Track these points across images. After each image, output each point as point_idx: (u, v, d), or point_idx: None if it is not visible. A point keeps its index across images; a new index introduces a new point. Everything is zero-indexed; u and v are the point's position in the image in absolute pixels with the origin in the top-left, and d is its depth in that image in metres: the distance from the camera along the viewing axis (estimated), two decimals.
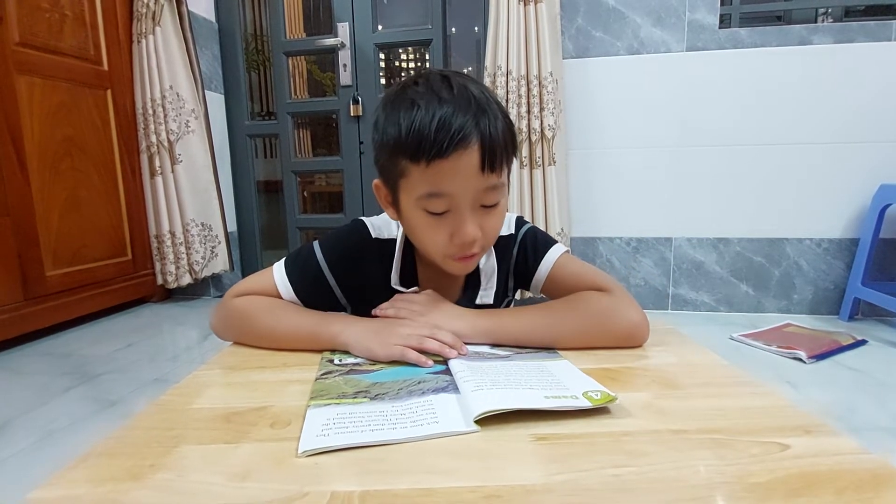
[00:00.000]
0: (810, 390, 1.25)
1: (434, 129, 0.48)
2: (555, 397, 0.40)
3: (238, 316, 0.59)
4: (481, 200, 0.53)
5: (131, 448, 0.36)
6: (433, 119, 0.48)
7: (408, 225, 0.58)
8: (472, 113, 0.50)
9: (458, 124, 0.49)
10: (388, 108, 0.54)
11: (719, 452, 0.34)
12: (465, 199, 0.52)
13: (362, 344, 0.52)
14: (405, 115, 0.50)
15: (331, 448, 0.34)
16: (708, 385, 0.46)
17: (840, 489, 0.30)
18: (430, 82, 0.52)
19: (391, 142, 0.52)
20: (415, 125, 0.49)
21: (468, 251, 0.55)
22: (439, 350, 0.50)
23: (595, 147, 1.97)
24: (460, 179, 0.51)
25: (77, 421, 1.13)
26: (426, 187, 0.51)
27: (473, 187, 0.52)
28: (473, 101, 0.50)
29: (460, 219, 0.53)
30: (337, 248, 0.64)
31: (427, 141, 0.48)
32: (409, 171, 0.51)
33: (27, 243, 1.65)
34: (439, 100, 0.50)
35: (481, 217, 0.54)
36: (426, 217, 0.53)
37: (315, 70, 3.52)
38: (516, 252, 0.68)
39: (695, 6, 1.84)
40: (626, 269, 2.02)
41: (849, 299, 1.82)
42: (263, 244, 2.53)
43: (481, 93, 0.52)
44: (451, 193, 0.51)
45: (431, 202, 0.52)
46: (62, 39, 1.79)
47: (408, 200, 0.54)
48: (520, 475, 0.31)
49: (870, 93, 1.78)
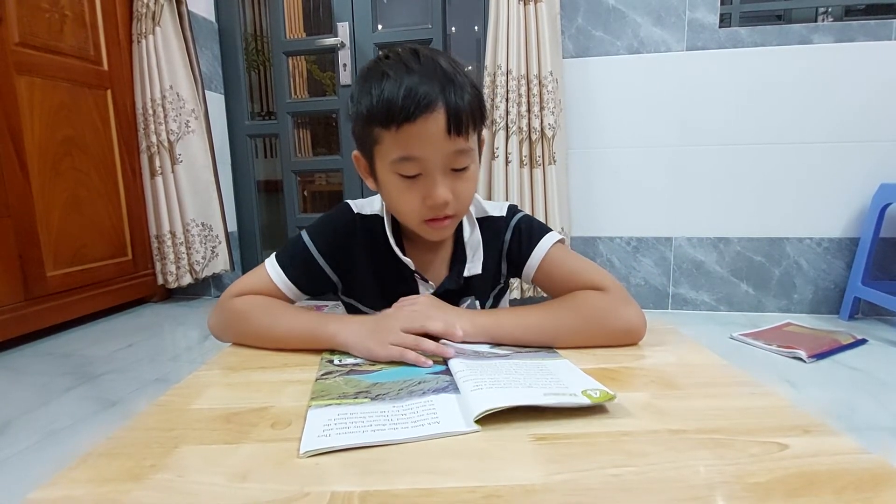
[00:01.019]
0: (810, 390, 1.25)
1: (402, 96, 0.51)
2: (554, 395, 0.40)
3: (235, 317, 0.60)
4: (451, 164, 0.56)
5: (132, 448, 0.36)
6: (401, 87, 0.52)
7: (384, 191, 0.61)
8: (439, 81, 0.53)
9: (424, 90, 0.52)
10: (361, 81, 0.57)
11: (719, 452, 0.34)
12: (434, 163, 0.55)
13: (361, 344, 0.52)
14: (376, 86, 0.53)
15: (332, 449, 0.34)
16: (707, 385, 0.46)
17: (839, 489, 0.30)
18: (401, 55, 0.55)
19: (364, 112, 0.55)
20: (384, 94, 0.52)
21: (440, 213, 0.57)
22: (436, 350, 0.50)
23: (595, 146, 1.97)
24: (428, 143, 0.53)
25: (78, 421, 1.13)
26: (398, 151, 0.54)
27: (442, 150, 0.54)
28: (440, 71, 0.54)
29: (431, 181, 0.56)
30: (323, 230, 0.67)
31: (395, 107, 0.52)
32: (382, 137, 0.55)
33: (28, 243, 1.65)
34: (407, 70, 0.53)
35: (452, 181, 0.57)
36: (400, 181, 0.56)
37: (315, 70, 3.51)
38: (510, 237, 0.68)
39: (695, 5, 1.83)
40: (626, 269, 2.02)
41: (849, 298, 1.82)
42: (264, 244, 2.53)
43: (448, 64, 0.55)
44: (421, 157, 0.54)
45: (403, 166, 0.55)
46: (62, 40, 1.79)
47: (382, 166, 0.57)
48: (519, 475, 0.31)
49: (870, 92, 1.78)
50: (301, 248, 0.65)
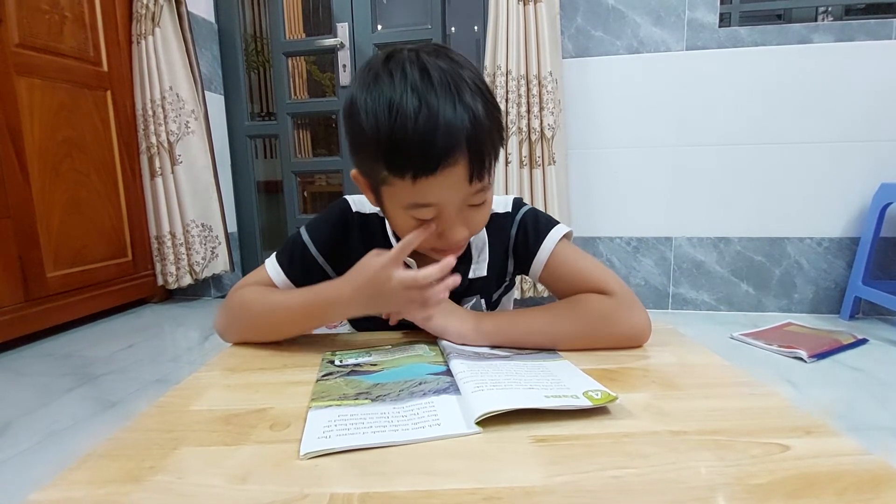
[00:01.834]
0: (811, 389, 1.25)
1: (419, 144, 0.44)
2: (555, 397, 0.40)
3: (237, 311, 0.60)
4: (469, 202, 0.52)
5: (131, 450, 0.36)
6: (416, 131, 0.44)
7: (392, 222, 0.57)
8: (459, 117, 0.45)
9: (444, 138, 0.44)
10: (361, 100, 0.48)
11: (719, 453, 0.34)
12: (453, 207, 0.51)
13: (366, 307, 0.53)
14: (384, 119, 0.45)
15: (332, 450, 0.34)
16: (708, 386, 0.46)
17: (840, 490, 0.29)
18: (406, 74, 0.46)
19: (370, 147, 0.48)
20: (395, 135, 0.45)
21: (456, 246, 0.55)
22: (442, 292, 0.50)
23: (595, 147, 1.97)
24: (448, 193, 0.49)
25: (78, 422, 1.13)
26: (412, 199, 0.49)
27: (462, 196, 0.50)
28: (458, 100, 0.45)
29: (449, 223, 0.52)
30: (321, 227, 0.65)
31: (413, 157, 0.45)
32: (392, 181, 0.48)
33: (28, 244, 1.65)
34: (419, 102, 0.44)
35: (469, 216, 0.53)
36: (412, 221, 0.52)
37: (315, 70, 3.52)
38: (515, 232, 0.65)
39: (694, 5, 1.83)
40: (626, 269, 2.02)
41: (849, 298, 1.82)
42: (264, 244, 2.53)
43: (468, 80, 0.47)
44: (439, 203, 0.50)
45: (418, 211, 0.50)
46: (62, 41, 1.79)
47: (392, 205, 0.52)
48: (520, 477, 0.31)
49: (870, 91, 1.78)
50: (300, 247, 0.64)
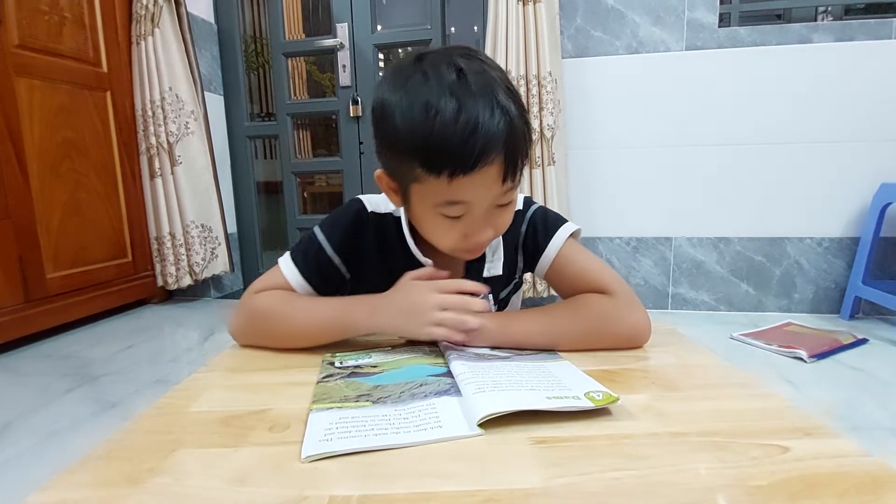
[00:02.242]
0: (811, 390, 1.25)
1: (458, 144, 0.45)
2: (557, 398, 0.40)
3: (257, 315, 0.58)
4: (498, 202, 0.53)
5: (129, 452, 0.36)
6: (455, 132, 0.45)
7: (417, 221, 0.57)
8: (496, 118, 0.46)
9: (484, 138, 0.45)
10: (395, 101, 0.48)
11: (719, 455, 0.33)
12: (483, 206, 0.51)
13: (397, 328, 0.53)
14: (420, 119, 0.46)
15: (334, 453, 0.34)
16: (708, 387, 0.46)
17: (841, 492, 0.29)
18: (443, 76, 0.47)
19: (404, 147, 0.48)
20: (435, 136, 0.45)
21: (480, 246, 0.56)
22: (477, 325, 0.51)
23: (594, 147, 1.97)
24: (482, 191, 0.50)
25: (78, 423, 1.13)
26: (444, 197, 0.49)
27: (493, 195, 0.51)
28: (496, 103, 0.46)
29: (476, 223, 0.52)
30: (336, 227, 0.64)
31: (451, 156, 0.46)
32: (426, 180, 0.48)
33: (27, 246, 1.65)
34: (458, 104, 0.45)
35: (495, 216, 0.54)
36: (441, 219, 0.52)
37: (314, 71, 3.52)
38: (525, 228, 0.66)
39: (694, 5, 1.83)
40: (626, 269, 2.02)
41: (850, 298, 1.82)
42: (264, 245, 2.53)
43: (501, 83, 0.48)
44: (471, 201, 0.50)
45: (449, 209, 0.51)
46: (61, 42, 1.79)
47: (421, 204, 0.53)
48: (519, 479, 0.31)
49: (870, 91, 1.78)
50: (315, 246, 0.63)
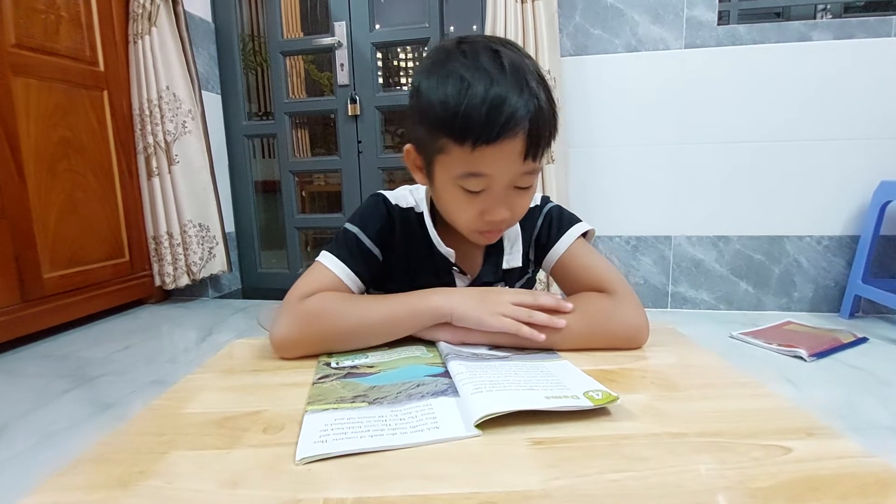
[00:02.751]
0: (811, 389, 1.25)
1: (485, 114, 0.47)
2: (555, 397, 0.39)
3: (320, 314, 0.55)
4: (516, 183, 0.54)
5: (122, 454, 0.35)
6: (484, 102, 0.47)
7: (438, 195, 0.58)
8: (524, 98, 0.48)
9: (510, 111, 0.47)
10: (432, 77, 0.51)
11: (720, 456, 0.33)
12: (502, 182, 0.53)
13: (471, 313, 0.52)
14: (453, 91, 0.48)
15: (329, 455, 0.34)
16: (708, 386, 0.45)
17: (843, 493, 0.29)
18: (479, 56, 0.50)
19: (435, 117, 0.50)
20: (463, 106, 0.48)
21: (496, 227, 0.57)
22: (548, 322, 0.51)
23: (594, 145, 1.97)
24: (502, 164, 0.51)
25: (75, 423, 1.13)
26: (466, 167, 0.51)
27: (513, 172, 0.52)
28: (525, 85, 0.49)
29: (494, 200, 0.54)
30: (368, 219, 0.65)
31: (476, 125, 0.48)
32: (451, 149, 0.51)
33: (24, 245, 1.64)
34: (490, 78, 0.48)
35: (513, 197, 0.55)
36: (460, 192, 0.54)
37: (312, 70, 3.51)
38: (540, 223, 0.68)
39: (693, 3, 1.83)
40: (625, 268, 2.02)
41: (849, 297, 1.82)
42: (262, 244, 2.52)
43: (534, 76, 0.51)
44: (490, 175, 0.52)
45: (469, 181, 0.52)
46: (58, 41, 1.78)
47: (443, 176, 0.54)
48: (517, 481, 0.31)
49: (870, 89, 1.78)
50: (353, 240, 0.63)
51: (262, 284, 2.48)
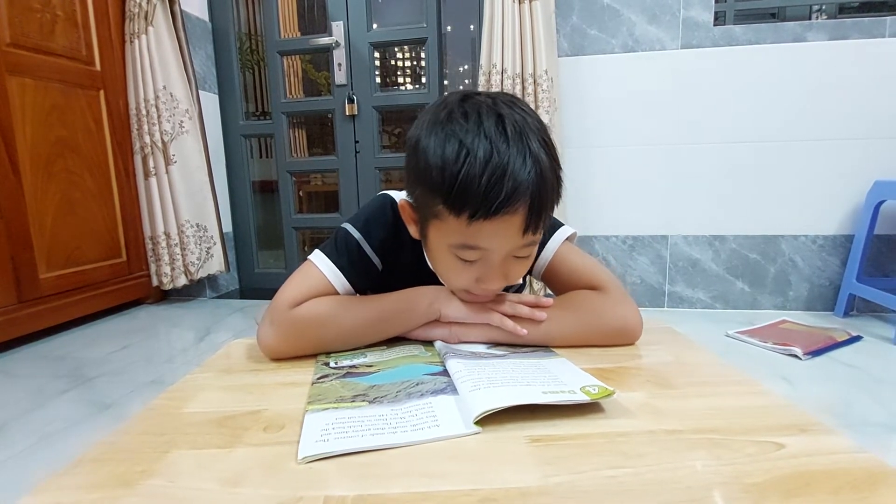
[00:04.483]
0: (806, 386, 1.26)
1: (484, 186, 0.44)
2: (552, 392, 0.40)
3: (310, 323, 0.54)
4: (514, 254, 0.51)
5: (122, 454, 0.35)
6: (483, 175, 0.44)
7: (432, 257, 0.57)
8: (527, 171, 0.45)
9: (510, 187, 0.44)
10: (432, 136, 0.48)
11: (715, 452, 0.34)
12: (499, 255, 0.50)
13: (457, 309, 0.55)
14: (451, 156, 0.46)
15: (331, 454, 0.34)
16: (703, 384, 0.46)
17: (836, 488, 0.29)
18: (482, 119, 0.47)
19: (432, 182, 0.47)
20: (462, 176, 0.45)
21: (490, 294, 0.55)
22: (530, 315, 0.53)
23: (590, 145, 1.97)
24: (500, 239, 0.48)
25: (73, 424, 1.12)
26: (461, 239, 0.49)
27: (511, 246, 0.50)
28: (530, 155, 0.46)
29: (490, 270, 0.51)
30: (373, 227, 0.62)
31: (475, 198, 0.45)
32: (446, 218, 0.48)
33: (20, 246, 1.63)
34: (493, 148, 0.45)
35: (510, 266, 0.52)
36: (454, 260, 0.51)
37: (310, 69, 3.50)
38: None
39: (689, 3, 1.84)
40: (622, 268, 2.03)
41: (844, 295, 1.83)
42: (259, 244, 2.52)
43: (536, 132, 0.48)
44: (487, 249, 0.49)
45: (464, 252, 0.50)
46: (54, 40, 1.77)
47: (438, 241, 0.52)
48: (515, 478, 0.31)
49: (864, 89, 1.79)
50: (354, 246, 0.60)
51: (260, 284, 2.48)
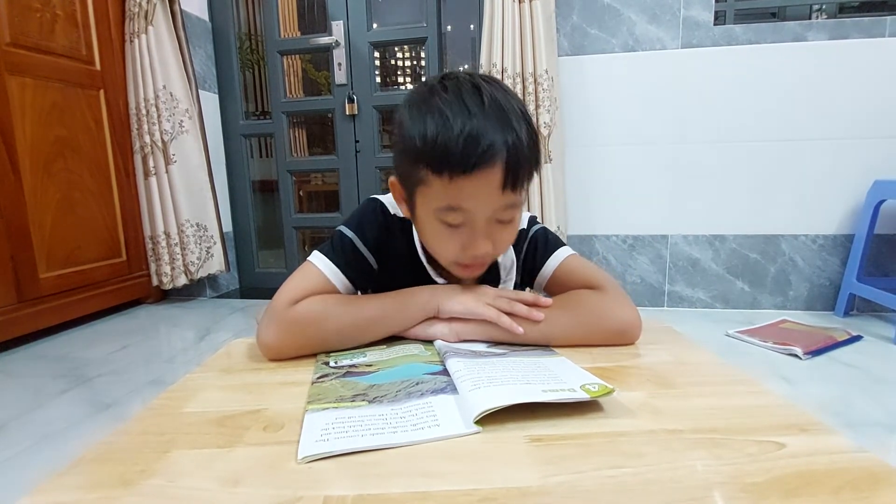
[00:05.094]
0: (806, 386, 1.26)
1: (461, 145, 0.47)
2: (552, 391, 0.40)
3: (310, 319, 0.55)
4: (497, 216, 0.53)
5: (122, 453, 0.35)
6: (461, 134, 0.47)
7: (420, 228, 0.58)
8: (501, 130, 0.49)
9: (486, 143, 0.48)
10: (413, 110, 0.52)
11: (715, 452, 0.33)
12: (482, 216, 0.52)
13: (456, 305, 0.55)
14: (431, 124, 0.49)
15: (331, 453, 0.34)
16: (703, 384, 0.46)
17: (837, 488, 0.29)
18: (461, 90, 0.50)
19: (414, 149, 0.51)
20: (441, 137, 0.48)
21: (478, 262, 0.57)
22: (527, 315, 0.54)
23: (591, 144, 1.97)
24: (481, 197, 0.51)
25: (72, 424, 1.12)
26: (445, 200, 0.51)
27: (492, 205, 0.51)
28: (504, 117, 0.49)
29: (474, 234, 0.53)
30: (365, 225, 0.64)
31: (453, 156, 0.48)
32: (430, 181, 0.51)
33: (20, 245, 1.64)
34: (468, 112, 0.48)
35: (495, 231, 0.54)
36: (441, 226, 0.54)
37: (310, 69, 3.50)
38: (525, 247, 0.68)
39: (689, 3, 1.84)
40: (622, 267, 2.03)
41: (844, 295, 1.83)
42: (259, 244, 2.52)
43: (512, 106, 0.51)
44: (470, 209, 0.51)
45: (448, 215, 0.52)
46: (54, 39, 1.77)
47: (424, 208, 0.54)
48: (515, 477, 0.31)
49: (864, 89, 1.79)
50: (349, 245, 0.62)
51: (260, 284, 2.48)
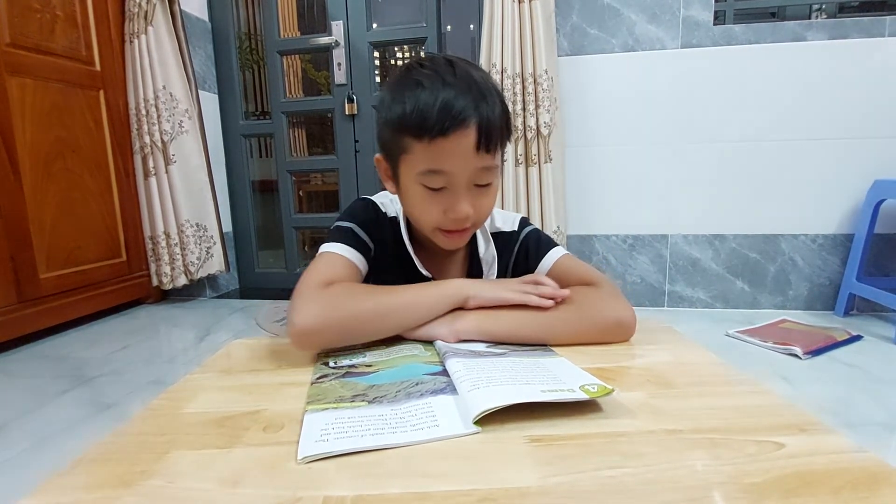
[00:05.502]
0: (806, 386, 1.26)
1: (437, 109, 0.52)
2: (552, 391, 0.40)
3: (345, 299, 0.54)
4: (475, 180, 0.57)
5: (122, 454, 0.35)
6: (437, 100, 0.52)
7: (405, 198, 0.62)
8: (473, 96, 0.54)
9: (460, 106, 0.53)
10: (394, 87, 0.57)
11: (715, 452, 0.33)
12: (461, 178, 0.56)
13: (486, 293, 0.56)
14: (410, 95, 0.54)
15: (331, 454, 0.34)
16: (703, 383, 0.46)
17: (836, 488, 0.29)
18: (436, 65, 0.56)
19: (396, 119, 0.55)
20: (419, 104, 0.53)
21: (460, 225, 0.60)
22: (553, 293, 0.55)
23: (591, 144, 1.97)
24: (458, 158, 0.55)
25: (73, 424, 1.12)
26: (426, 164, 0.55)
27: (470, 166, 0.56)
28: (475, 86, 0.54)
29: (455, 196, 0.57)
30: (359, 216, 0.67)
31: (430, 119, 0.52)
32: (412, 147, 0.55)
33: (20, 245, 1.64)
34: (443, 82, 0.53)
35: (474, 196, 0.58)
36: (423, 191, 0.58)
37: (309, 69, 3.50)
38: (517, 250, 0.71)
39: (689, 3, 1.84)
40: (622, 267, 2.03)
41: (844, 295, 1.83)
42: (259, 244, 2.52)
43: (482, 79, 0.56)
44: (449, 171, 0.55)
45: (430, 178, 0.56)
46: (54, 40, 1.77)
47: (407, 175, 0.58)
48: (514, 478, 0.31)
49: (864, 89, 1.79)
50: (349, 232, 0.64)
51: (260, 284, 2.48)
